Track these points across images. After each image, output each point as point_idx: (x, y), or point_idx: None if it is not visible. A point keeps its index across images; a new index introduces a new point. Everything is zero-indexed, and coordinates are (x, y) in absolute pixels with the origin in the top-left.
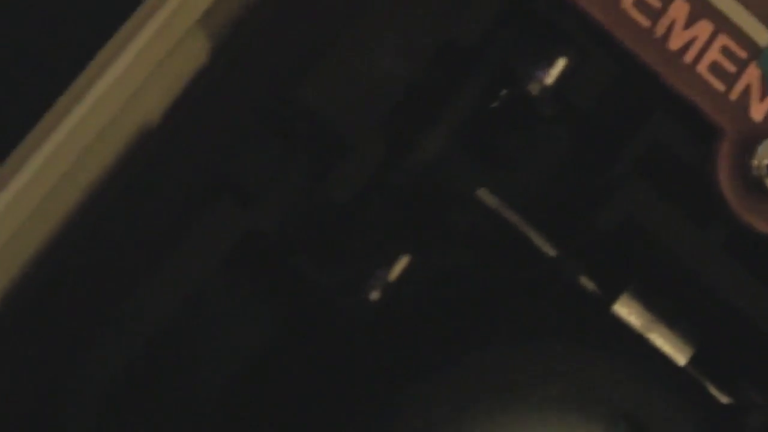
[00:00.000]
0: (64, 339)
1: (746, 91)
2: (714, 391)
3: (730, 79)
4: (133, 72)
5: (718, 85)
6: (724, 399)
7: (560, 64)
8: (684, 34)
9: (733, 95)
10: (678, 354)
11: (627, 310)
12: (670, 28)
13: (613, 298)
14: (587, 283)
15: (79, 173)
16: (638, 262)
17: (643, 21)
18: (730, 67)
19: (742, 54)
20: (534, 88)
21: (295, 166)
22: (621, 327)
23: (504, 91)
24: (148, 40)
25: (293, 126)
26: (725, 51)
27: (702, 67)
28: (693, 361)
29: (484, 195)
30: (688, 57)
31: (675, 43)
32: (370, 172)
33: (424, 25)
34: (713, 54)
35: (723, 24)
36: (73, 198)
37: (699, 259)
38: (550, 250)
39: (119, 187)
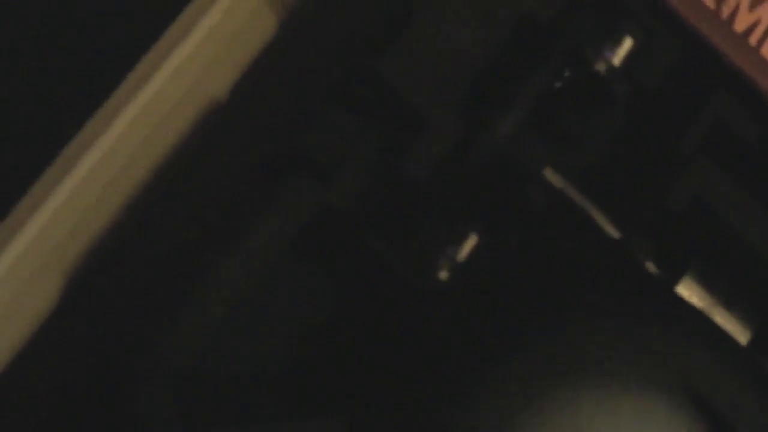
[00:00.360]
0: (140, 317)
1: None
2: None
3: None
4: (205, 46)
5: None
6: None
7: (628, 44)
8: (749, 16)
9: None
10: (740, 334)
11: (689, 292)
12: (735, 10)
13: (677, 279)
14: (651, 265)
15: (152, 148)
16: (703, 242)
17: (710, 3)
18: None
19: None
20: (602, 68)
21: (370, 142)
22: (685, 306)
23: (568, 72)
24: (220, 14)
25: (370, 100)
26: None
27: (766, 49)
28: (754, 340)
29: (551, 175)
30: (753, 39)
31: (740, 25)
32: (447, 150)
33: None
34: None
35: None
36: (144, 174)
37: (764, 239)
38: (613, 231)
39: (191, 163)
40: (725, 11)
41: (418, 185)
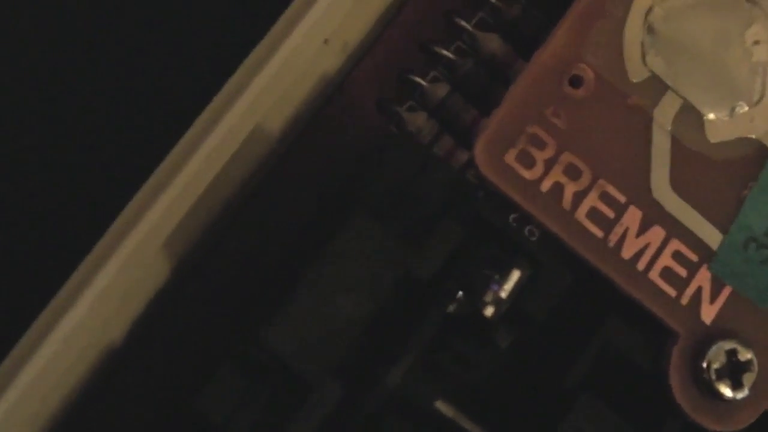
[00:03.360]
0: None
1: (697, 295)
2: None
3: (681, 284)
4: None
5: (670, 290)
6: None
7: (515, 276)
8: (637, 241)
9: (685, 299)
10: None
11: None
12: (623, 237)
13: None
14: None
15: None
16: None
17: (597, 231)
18: (682, 272)
19: (694, 257)
20: (489, 300)
21: (259, 404)
22: None
23: (453, 307)
24: None
25: (259, 365)
26: (677, 256)
27: (654, 274)
28: None
29: (442, 406)
30: (641, 264)
31: (628, 252)
32: (328, 412)
33: (383, 263)
34: (665, 259)
35: (675, 228)
36: None
37: None
38: None
39: None
40: (612, 239)
41: None
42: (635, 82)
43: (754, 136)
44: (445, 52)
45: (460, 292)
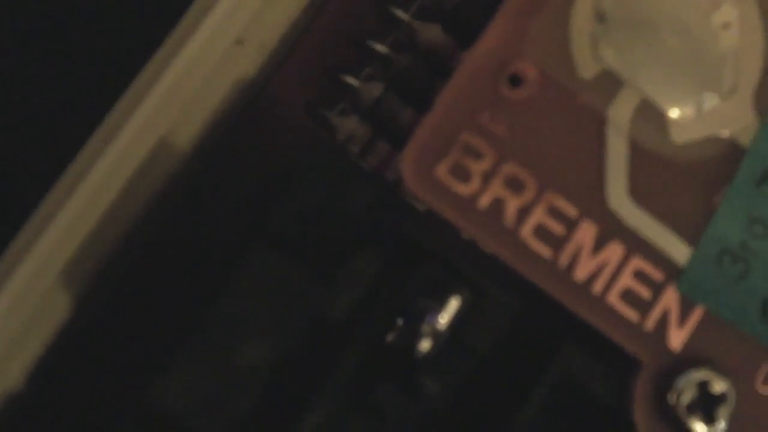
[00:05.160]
0: None
1: (664, 318)
2: None
3: (645, 306)
4: None
5: (632, 315)
6: None
7: (454, 305)
8: (592, 260)
9: (649, 324)
10: None
11: None
12: (575, 256)
13: None
14: None
15: None
16: None
17: (545, 251)
18: (645, 293)
19: (658, 276)
20: (426, 333)
21: None
22: None
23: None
24: None
25: (153, 422)
26: (639, 275)
27: (613, 296)
28: None
29: None
30: (597, 286)
31: (582, 273)
32: None
33: (290, 302)
34: (625, 280)
35: (636, 244)
36: None
37: None
38: None
39: None
40: (563, 259)
41: None
42: (585, 78)
43: (726, 134)
44: (379, 47)
45: (400, 320)
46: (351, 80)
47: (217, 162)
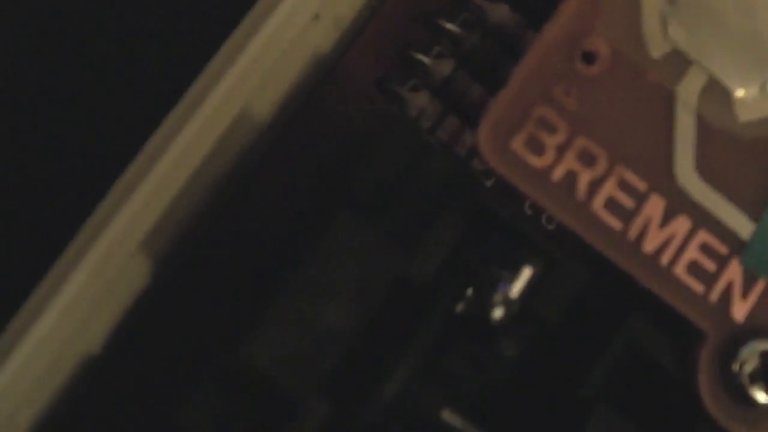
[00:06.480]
0: None
1: (727, 291)
2: None
3: (710, 279)
4: None
5: (698, 286)
6: None
7: (526, 274)
8: (660, 233)
9: (714, 296)
10: None
11: None
12: (644, 229)
13: None
14: None
15: None
16: None
17: (615, 223)
18: (710, 266)
19: (723, 250)
20: (498, 301)
21: (241, 424)
22: None
23: (461, 307)
24: None
25: (240, 381)
26: (705, 248)
27: (680, 268)
28: None
29: (449, 416)
30: (665, 258)
31: (650, 245)
32: (315, 430)
33: (374, 265)
34: (691, 252)
35: (702, 218)
36: None
37: None
38: None
39: None
40: (633, 231)
41: None
42: (656, 56)
43: None
44: (449, 26)
45: (470, 290)
46: (422, 57)
47: (294, 132)
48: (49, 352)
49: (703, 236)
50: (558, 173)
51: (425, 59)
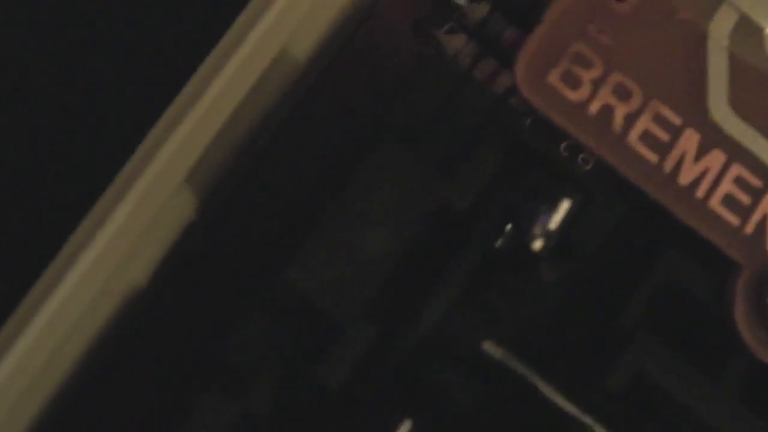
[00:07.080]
0: None
1: (762, 223)
2: None
3: (744, 212)
4: None
5: (733, 219)
6: None
7: (564, 207)
8: (695, 166)
9: (749, 228)
10: None
11: None
12: (679, 162)
13: None
14: None
15: None
16: (650, 419)
17: (651, 156)
18: (745, 199)
19: (757, 183)
20: (537, 233)
21: (287, 349)
22: None
23: (500, 241)
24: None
25: (286, 306)
26: (739, 181)
27: (715, 201)
28: None
29: (490, 347)
30: (700, 191)
31: (686, 178)
32: (361, 353)
33: (414, 193)
34: (726, 185)
35: (736, 152)
36: None
37: (714, 414)
38: (559, 401)
39: None
40: (668, 164)
41: (334, 392)
42: None
43: None
44: None
45: (509, 225)
46: (458, 0)
47: (332, 73)
48: (96, 282)
49: (737, 170)
50: (594, 107)
51: (461, 1)
